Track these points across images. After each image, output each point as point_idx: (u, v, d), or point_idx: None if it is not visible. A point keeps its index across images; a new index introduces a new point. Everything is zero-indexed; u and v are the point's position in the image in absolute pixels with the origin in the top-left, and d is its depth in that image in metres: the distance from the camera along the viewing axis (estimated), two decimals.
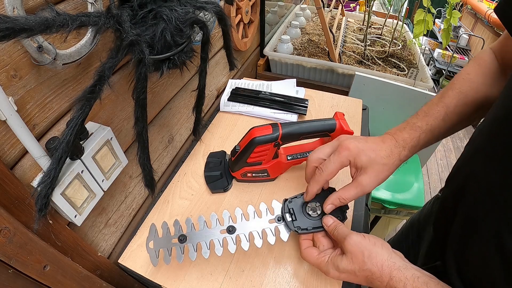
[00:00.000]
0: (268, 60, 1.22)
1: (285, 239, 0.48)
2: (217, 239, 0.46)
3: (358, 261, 0.40)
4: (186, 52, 0.47)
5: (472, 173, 0.42)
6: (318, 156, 0.49)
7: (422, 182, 1.17)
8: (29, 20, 0.27)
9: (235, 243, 0.47)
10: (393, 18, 1.46)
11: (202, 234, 0.47)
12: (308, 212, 0.49)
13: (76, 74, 0.41)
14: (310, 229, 0.48)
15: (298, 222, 0.49)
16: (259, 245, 0.47)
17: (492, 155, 0.38)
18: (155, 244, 0.46)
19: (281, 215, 0.50)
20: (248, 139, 0.58)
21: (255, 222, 0.49)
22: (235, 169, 0.63)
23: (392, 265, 0.39)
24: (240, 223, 0.48)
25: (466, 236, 0.42)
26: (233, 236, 0.47)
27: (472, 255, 0.40)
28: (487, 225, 0.37)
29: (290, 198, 0.51)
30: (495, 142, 0.38)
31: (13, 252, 0.33)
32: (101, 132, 0.44)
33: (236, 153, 0.61)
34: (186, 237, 0.46)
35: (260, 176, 0.64)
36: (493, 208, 0.36)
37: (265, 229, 0.48)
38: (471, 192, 0.41)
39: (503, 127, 0.36)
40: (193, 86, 0.73)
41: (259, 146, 0.57)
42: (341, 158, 0.45)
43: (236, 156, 0.61)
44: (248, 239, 0.47)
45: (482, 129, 0.42)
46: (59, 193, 0.39)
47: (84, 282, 0.45)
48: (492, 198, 0.37)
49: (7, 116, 0.32)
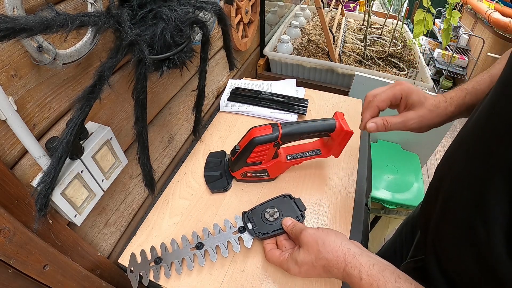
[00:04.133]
0: (268, 60, 1.22)
1: (249, 246, 0.52)
2: (188, 256, 0.52)
3: (314, 250, 0.42)
4: (186, 52, 0.48)
5: (453, 163, 0.42)
6: (375, 92, 0.51)
7: (422, 182, 1.17)
8: (29, 20, 0.27)
9: (204, 256, 0.52)
10: (393, 18, 1.46)
11: (175, 254, 0.52)
12: (266, 218, 0.54)
13: (76, 74, 0.41)
14: (270, 233, 0.52)
15: (258, 228, 0.53)
16: (225, 255, 0.52)
17: (472, 146, 0.38)
18: (135, 269, 0.51)
19: (242, 226, 0.54)
20: (248, 139, 0.58)
21: (220, 236, 0.54)
22: (235, 169, 0.63)
23: (346, 252, 0.40)
24: (207, 239, 0.54)
25: (442, 227, 0.42)
26: (201, 251, 0.52)
27: (448, 246, 0.40)
28: (461, 217, 0.37)
29: (249, 210, 0.56)
30: (476, 135, 0.38)
31: (13, 252, 0.33)
32: (101, 132, 0.44)
33: (236, 153, 0.61)
34: (162, 259, 0.52)
35: (260, 176, 0.64)
36: (467, 200, 0.37)
37: (230, 240, 0.53)
38: (450, 182, 0.41)
39: (486, 121, 0.36)
40: (193, 86, 0.73)
41: (259, 146, 0.57)
42: (394, 90, 0.49)
43: (236, 156, 0.61)
44: (215, 251, 0.52)
45: (468, 120, 0.42)
46: (59, 193, 0.39)
47: (84, 282, 0.45)
48: (468, 189, 0.37)
49: (7, 116, 0.32)
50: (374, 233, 1.31)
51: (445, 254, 0.41)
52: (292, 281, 0.50)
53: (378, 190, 1.14)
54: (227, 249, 0.52)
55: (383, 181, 1.18)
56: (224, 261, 0.53)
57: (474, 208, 0.35)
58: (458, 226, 0.38)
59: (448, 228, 0.40)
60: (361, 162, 0.71)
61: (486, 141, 0.35)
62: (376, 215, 1.24)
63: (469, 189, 0.37)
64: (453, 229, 0.39)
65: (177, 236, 0.56)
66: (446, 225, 0.41)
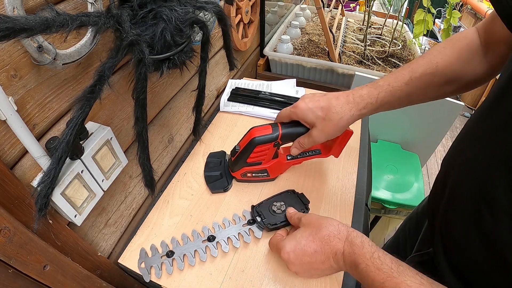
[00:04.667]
0: (268, 60, 1.22)
1: (259, 237, 0.55)
2: (200, 248, 0.53)
3: (315, 225, 0.44)
4: (186, 52, 0.47)
5: (460, 153, 0.42)
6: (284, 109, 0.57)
7: (422, 182, 1.17)
8: (29, 20, 0.27)
9: (216, 248, 0.54)
10: (393, 18, 1.46)
11: (187, 247, 0.54)
12: (274, 210, 0.57)
13: (76, 74, 0.41)
14: (278, 224, 0.55)
15: (267, 220, 0.56)
16: (237, 246, 0.54)
17: (479, 135, 0.38)
18: (146, 263, 0.52)
19: (252, 218, 0.57)
20: (248, 139, 0.58)
21: (231, 229, 0.56)
22: (235, 169, 0.63)
23: (347, 227, 0.42)
24: (218, 232, 0.56)
25: (450, 216, 0.42)
26: (213, 243, 0.54)
27: (456, 236, 0.40)
28: (468, 205, 0.37)
29: (257, 204, 0.59)
30: (483, 123, 0.38)
31: (13, 252, 0.33)
32: (101, 132, 0.44)
33: (236, 153, 0.61)
34: (174, 252, 0.53)
35: (260, 176, 0.64)
36: (474, 188, 0.37)
37: (241, 232, 0.56)
38: (457, 171, 0.42)
39: (491, 110, 0.37)
40: (193, 86, 0.73)
41: (259, 146, 0.58)
42: (289, 112, 0.54)
43: (236, 156, 0.61)
44: (227, 242, 0.54)
45: (477, 110, 0.42)
46: (59, 193, 0.39)
47: (84, 282, 0.45)
48: (474, 177, 0.37)
49: (7, 116, 0.32)
50: (374, 233, 1.31)
51: (453, 243, 0.41)
52: (292, 281, 0.50)
53: (378, 190, 1.14)
54: (239, 240, 0.55)
55: (383, 181, 1.18)
56: (225, 261, 0.53)
57: (481, 197, 0.35)
58: (466, 214, 0.38)
59: (455, 217, 0.40)
60: (361, 162, 0.71)
61: (491, 130, 0.35)
62: (376, 215, 1.24)
63: (475, 178, 0.37)
64: (461, 217, 0.39)
65: (177, 236, 0.56)
66: (454, 214, 0.41)
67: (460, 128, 0.45)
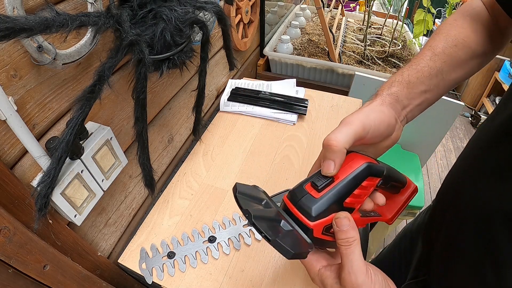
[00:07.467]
0: (268, 60, 1.22)
1: (260, 238, 0.54)
2: (201, 249, 0.53)
3: None
4: (186, 52, 0.48)
5: (458, 193, 0.39)
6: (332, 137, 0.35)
7: (422, 182, 1.17)
8: (29, 20, 0.27)
9: (217, 249, 0.53)
10: (393, 18, 1.46)
11: (188, 247, 0.53)
12: None
13: (76, 74, 0.41)
14: None
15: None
16: (238, 248, 0.53)
17: (485, 172, 0.35)
18: (147, 264, 0.51)
19: None
20: (356, 164, 0.33)
21: (231, 229, 0.55)
22: (320, 216, 0.31)
23: None
24: (218, 232, 0.55)
25: (448, 260, 0.40)
26: (215, 244, 0.53)
27: (454, 282, 0.39)
28: (469, 253, 0.35)
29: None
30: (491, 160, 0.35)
31: (13, 252, 0.33)
32: (101, 132, 0.44)
33: (326, 185, 0.32)
34: (174, 253, 0.52)
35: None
36: (475, 240, 0.34)
37: (242, 233, 0.55)
38: (454, 214, 0.39)
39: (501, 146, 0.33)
40: (193, 86, 0.73)
41: (370, 179, 0.34)
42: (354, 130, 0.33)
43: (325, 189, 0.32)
44: (228, 244, 0.54)
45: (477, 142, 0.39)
46: (59, 193, 0.39)
47: (84, 282, 0.45)
48: (475, 228, 0.34)
49: (7, 116, 0.32)
50: (374, 233, 1.31)
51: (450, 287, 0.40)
52: (292, 281, 0.50)
53: None
54: (239, 241, 0.54)
55: None
56: (225, 261, 0.53)
57: (483, 249, 0.33)
58: (465, 262, 0.36)
59: (453, 263, 0.38)
60: None
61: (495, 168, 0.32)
62: None
63: (476, 228, 0.34)
64: (460, 265, 0.37)
65: (177, 236, 0.56)
66: (452, 259, 0.39)
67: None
